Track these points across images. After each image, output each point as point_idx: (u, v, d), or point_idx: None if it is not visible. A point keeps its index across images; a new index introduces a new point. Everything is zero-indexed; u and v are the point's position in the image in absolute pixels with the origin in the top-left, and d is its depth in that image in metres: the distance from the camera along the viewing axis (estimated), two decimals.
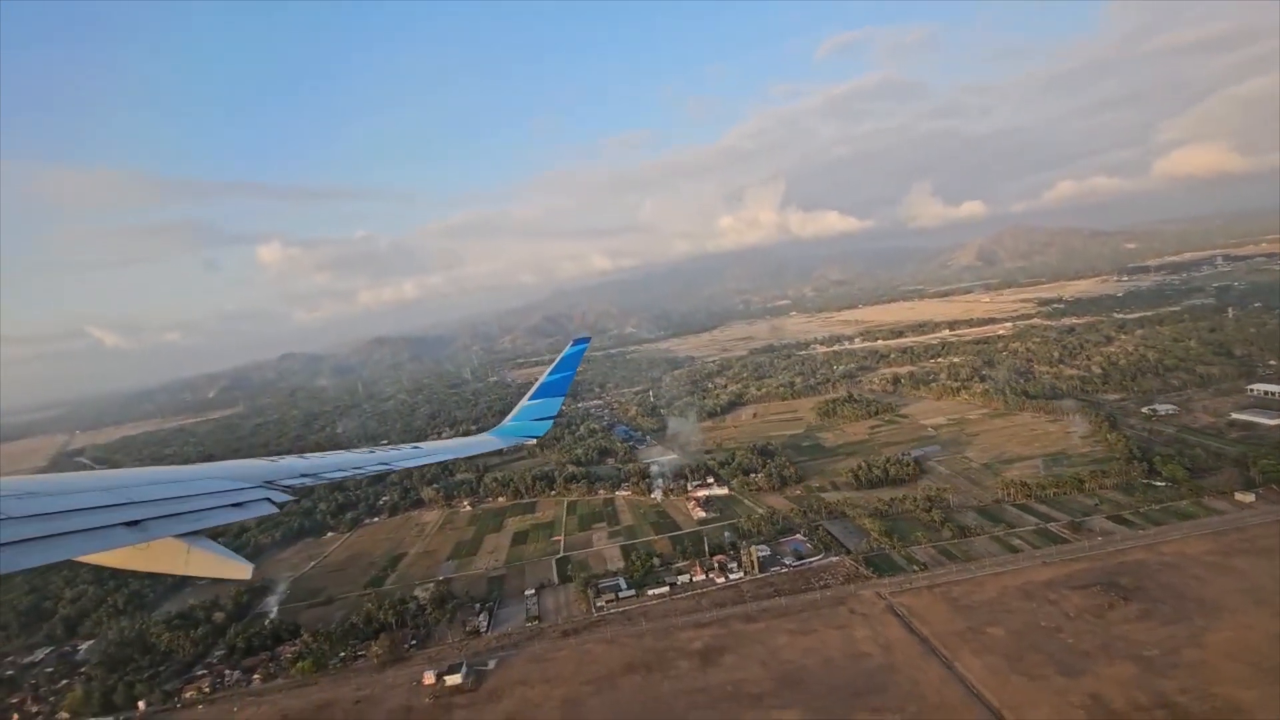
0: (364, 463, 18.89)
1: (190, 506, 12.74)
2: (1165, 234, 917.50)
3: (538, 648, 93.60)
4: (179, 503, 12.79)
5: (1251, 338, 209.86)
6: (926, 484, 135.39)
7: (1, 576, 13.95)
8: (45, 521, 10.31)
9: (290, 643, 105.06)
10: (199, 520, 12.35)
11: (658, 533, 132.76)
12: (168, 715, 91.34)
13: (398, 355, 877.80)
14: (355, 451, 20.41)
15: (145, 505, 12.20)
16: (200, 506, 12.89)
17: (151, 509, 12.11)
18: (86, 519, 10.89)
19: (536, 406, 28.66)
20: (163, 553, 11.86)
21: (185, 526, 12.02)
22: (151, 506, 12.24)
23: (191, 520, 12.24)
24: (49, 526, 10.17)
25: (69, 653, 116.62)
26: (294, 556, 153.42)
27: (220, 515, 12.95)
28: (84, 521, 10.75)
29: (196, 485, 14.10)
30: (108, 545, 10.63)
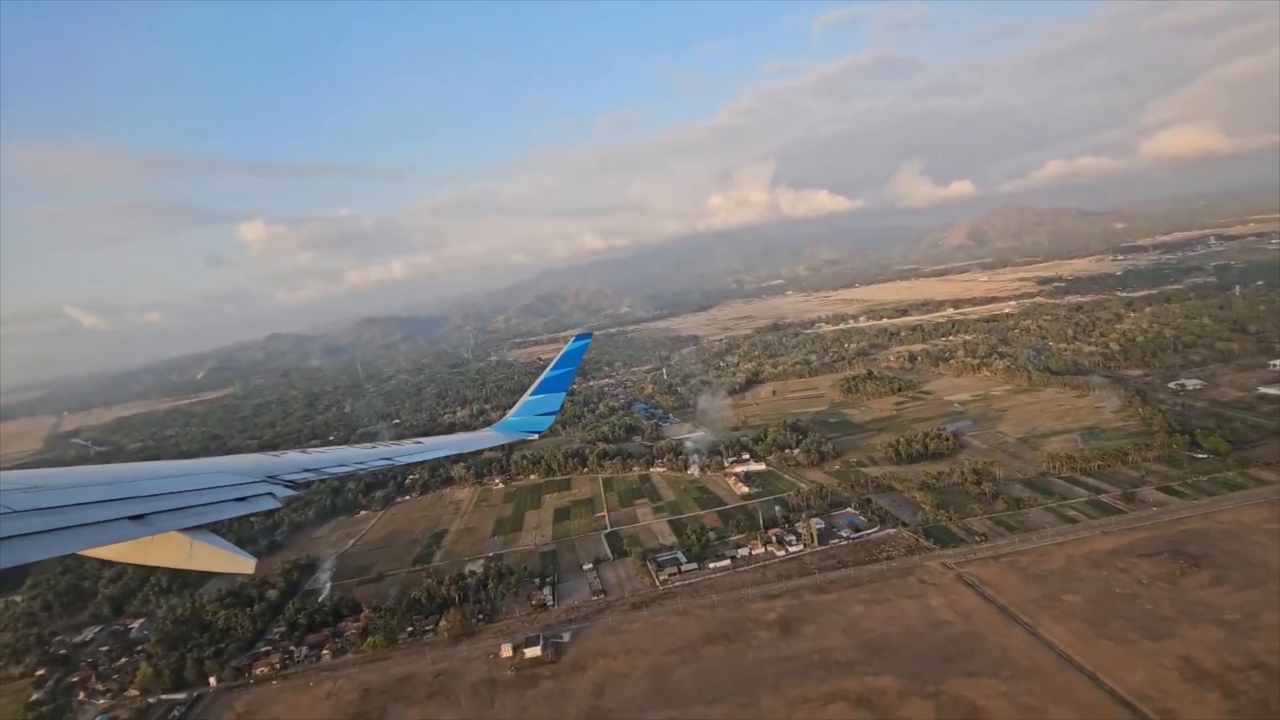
0: (366, 458, 18.97)
1: (193, 501, 12.72)
2: (1153, 214, 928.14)
3: (609, 620, 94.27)
4: (182, 497, 12.76)
5: (1262, 315, 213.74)
6: (966, 458, 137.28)
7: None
8: (49, 515, 10.32)
9: (351, 619, 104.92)
10: (202, 515, 12.33)
11: (702, 508, 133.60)
12: (241, 691, 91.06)
13: (389, 335, 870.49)
14: (358, 447, 20.56)
15: (149, 499, 12.18)
16: (203, 501, 12.87)
17: (155, 503, 12.08)
18: (90, 513, 10.88)
19: (539, 402, 28.67)
20: (166, 547, 11.78)
21: (188, 521, 11.98)
22: (155, 501, 12.22)
23: (195, 514, 12.23)
24: (53, 520, 10.18)
25: (120, 631, 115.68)
26: (332, 534, 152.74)
27: (223, 510, 12.96)
28: (88, 515, 10.74)
29: (200, 480, 14.12)
30: (112, 539, 10.59)
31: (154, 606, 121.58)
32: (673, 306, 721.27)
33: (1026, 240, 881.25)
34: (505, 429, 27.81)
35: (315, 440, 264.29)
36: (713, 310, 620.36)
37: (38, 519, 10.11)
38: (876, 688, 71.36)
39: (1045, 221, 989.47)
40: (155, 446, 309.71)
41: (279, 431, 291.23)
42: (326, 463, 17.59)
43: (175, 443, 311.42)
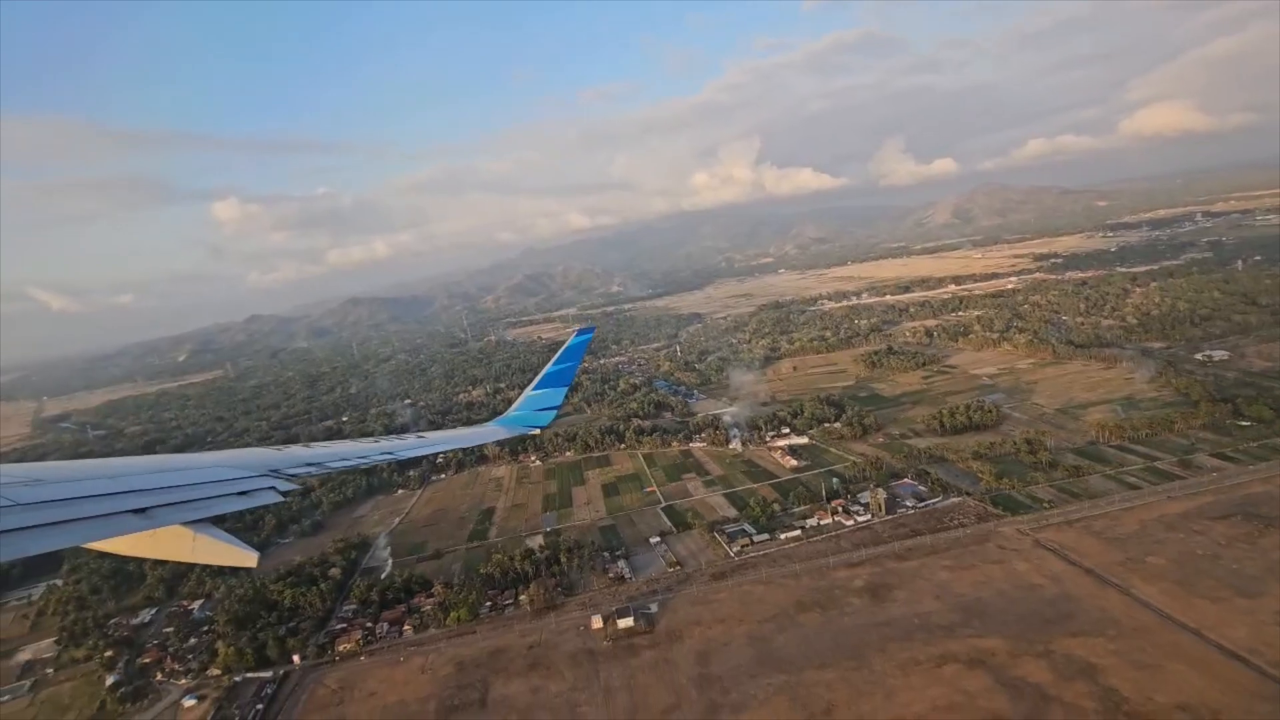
0: (368, 452, 19.19)
1: (196, 495, 12.78)
2: (1133, 192, 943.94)
3: (694, 591, 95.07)
4: (185, 490, 12.83)
5: (1269, 288, 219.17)
6: (1009, 429, 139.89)
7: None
8: (51, 508, 10.38)
9: (424, 594, 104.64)
10: (205, 508, 12.39)
11: (754, 481, 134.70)
12: (327, 668, 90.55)
13: (375, 316, 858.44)
14: (360, 441, 20.64)
15: (151, 493, 12.25)
16: (206, 495, 12.92)
17: (157, 496, 12.15)
18: (93, 506, 10.93)
19: (540, 397, 28.59)
20: (169, 540, 11.88)
21: (191, 514, 12.05)
22: (157, 494, 12.28)
23: (197, 508, 12.29)
24: (56, 513, 10.24)
25: (179, 613, 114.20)
26: (374, 513, 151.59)
27: (226, 503, 12.98)
28: (91, 509, 10.80)
29: (202, 474, 14.20)
30: (114, 532, 10.66)
31: (210, 588, 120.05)
32: (664, 285, 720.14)
33: (1011, 218, 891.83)
34: (508, 424, 27.76)
35: (327, 421, 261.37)
36: (707, 289, 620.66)
37: (39, 512, 10.14)
38: (985, 649, 73.02)
39: (1028, 199, 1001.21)
40: (156, 429, 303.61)
41: (286, 413, 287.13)
42: (328, 457, 17.63)
43: (176, 425, 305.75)
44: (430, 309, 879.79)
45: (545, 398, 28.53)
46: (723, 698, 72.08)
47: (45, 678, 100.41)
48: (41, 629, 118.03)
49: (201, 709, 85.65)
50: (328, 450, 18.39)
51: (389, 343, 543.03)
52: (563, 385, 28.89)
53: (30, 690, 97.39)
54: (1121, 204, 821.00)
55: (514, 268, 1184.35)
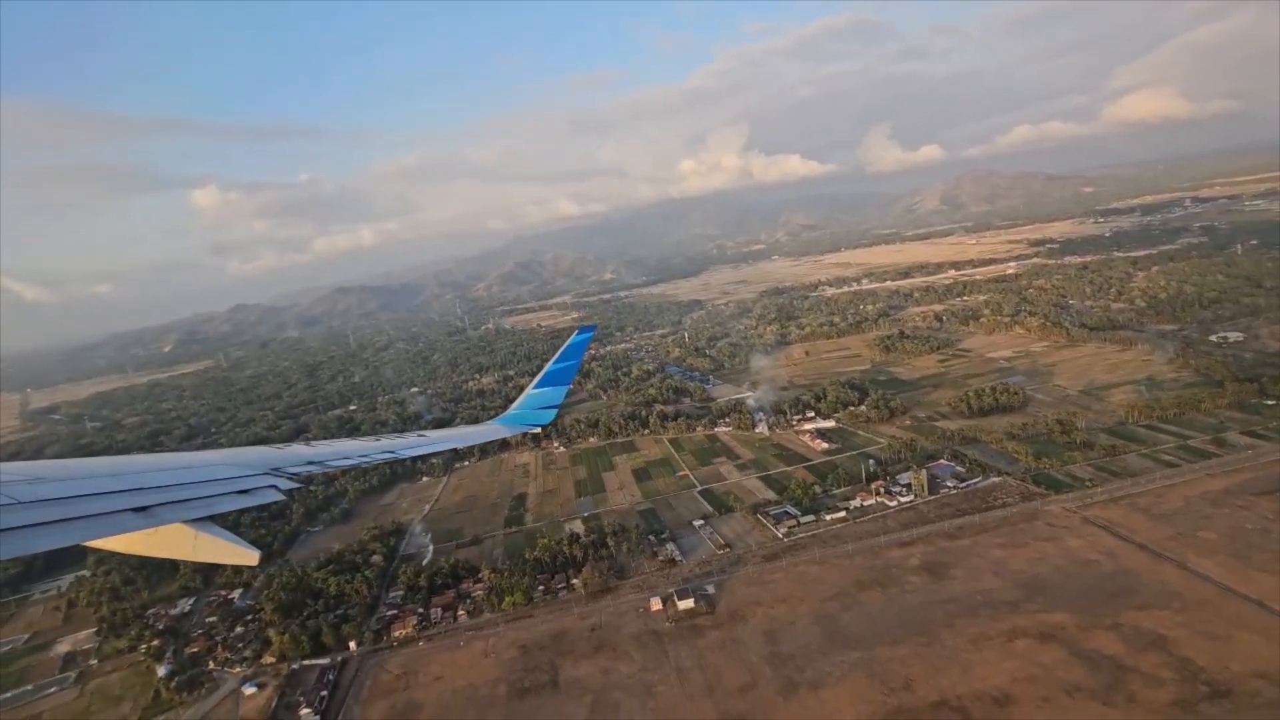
0: (369, 451, 19.34)
1: (197, 493, 12.87)
2: (1118, 178, 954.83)
3: (748, 572, 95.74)
4: (186, 489, 12.91)
5: (1271, 272, 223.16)
6: (1035, 410, 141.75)
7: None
8: (54, 506, 10.45)
9: (471, 580, 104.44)
10: (206, 507, 12.48)
11: (788, 464, 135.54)
12: (386, 653, 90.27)
13: (365, 305, 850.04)
14: (361, 440, 20.91)
15: (152, 491, 12.32)
16: (207, 493, 13.01)
17: (158, 495, 12.22)
18: (95, 504, 10.99)
19: (541, 395, 28.81)
20: (170, 538, 11.96)
21: (193, 513, 12.14)
22: (158, 493, 12.34)
23: (199, 507, 12.38)
24: (58, 511, 10.30)
25: (219, 602, 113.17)
26: (401, 501, 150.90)
27: (227, 502, 13.07)
28: (92, 507, 10.87)
29: (203, 472, 14.28)
30: (116, 530, 10.73)
31: (247, 577, 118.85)
32: (658, 272, 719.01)
33: (999, 204, 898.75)
34: (508, 422, 27.88)
35: (335, 410, 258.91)
36: (702, 276, 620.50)
37: (42, 510, 10.16)
38: (1053, 623, 74.35)
39: (1015, 185, 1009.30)
40: (155, 420, 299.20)
41: (290, 402, 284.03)
42: (330, 456, 17.74)
43: (176, 415, 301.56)
44: (420, 298, 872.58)
45: (546, 396, 28.79)
46: (798, 675, 72.86)
47: (90, 669, 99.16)
48: (75, 621, 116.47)
49: (263, 696, 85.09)
50: (329, 449, 18.58)
51: (383, 331, 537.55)
52: (564, 384, 29.12)
53: (76, 681, 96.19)
54: (1108, 190, 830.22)
55: (503, 255, 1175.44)
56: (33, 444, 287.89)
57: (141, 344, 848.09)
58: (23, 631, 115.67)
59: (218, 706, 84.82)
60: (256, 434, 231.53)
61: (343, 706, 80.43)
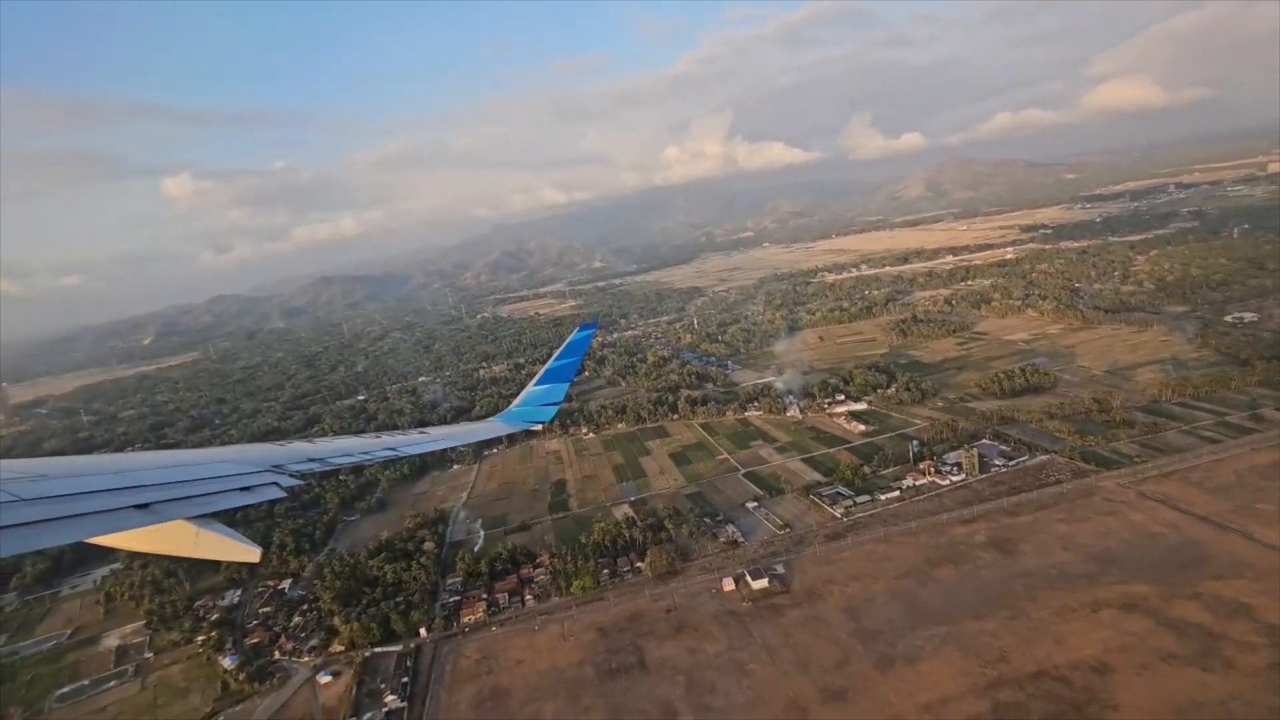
0: (371, 449, 19.39)
1: (199, 490, 12.93)
2: (1097, 165, 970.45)
3: (815, 551, 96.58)
4: (187, 486, 12.99)
5: (1270, 254, 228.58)
6: (1064, 390, 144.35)
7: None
8: (55, 503, 10.50)
9: (530, 565, 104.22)
10: (208, 504, 12.50)
11: (828, 446, 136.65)
12: (459, 639, 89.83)
13: (350, 295, 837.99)
14: (362, 437, 20.92)
15: (154, 488, 12.35)
16: (209, 490, 13.07)
17: (160, 492, 12.26)
18: (96, 501, 11.04)
19: (543, 392, 28.98)
20: (172, 535, 12.00)
21: (194, 510, 12.17)
22: (160, 490, 12.38)
23: (200, 504, 12.41)
24: (61, 508, 10.37)
25: (267, 593, 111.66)
26: (435, 489, 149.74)
27: (228, 499, 13.13)
28: (94, 504, 10.91)
29: (205, 469, 14.37)
30: (118, 527, 10.77)
31: (293, 567, 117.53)
32: (648, 260, 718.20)
33: (983, 191, 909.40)
34: (509, 419, 27.96)
35: (344, 400, 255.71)
36: (694, 263, 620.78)
37: (43, 507, 10.19)
38: (1134, 594, 76.10)
39: (997, 172, 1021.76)
40: (153, 414, 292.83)
41: (295, 393, 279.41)
42: (332, 453, 17.80)
43: (175, 408, 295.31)
44: (406, 287, 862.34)
45: (548, 393, 28.82)
46: (890, 650, 73.84)
47: (147, 662, 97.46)
48: (117, 615, 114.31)
49: (340, 684, 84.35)
50: (331, 446, 18.58)
51: (374, 321, 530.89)
52: (565, 381, 29.16)
53: (135, 675, 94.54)
54: (1089, 176, 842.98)
55: (486, 244, 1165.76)
56: (25, 440, 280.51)
57: (118, 337, 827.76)
58: (64, 627, 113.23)
59: (295, 696, 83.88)
60: (266, 425, 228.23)
61: (427, 692, 79.99)
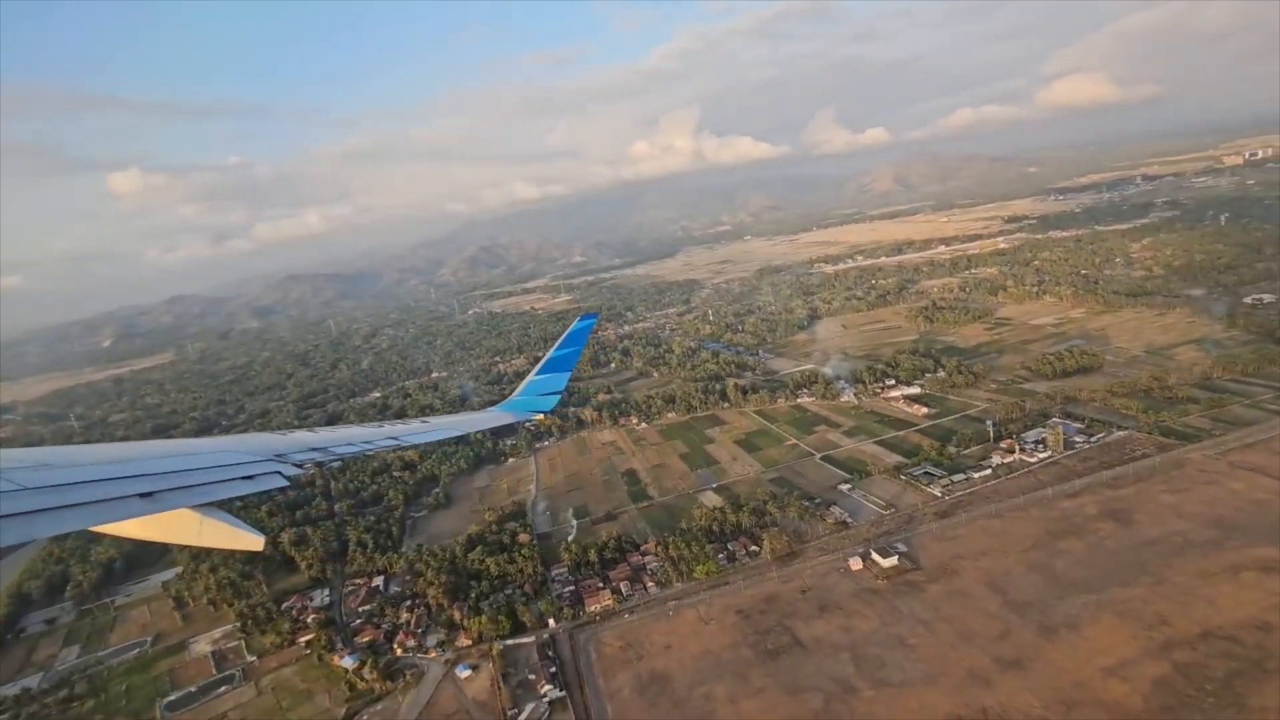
0: (373, 438, 19.60)
1: (202, 479, 13.09)
2: (1057, 159, 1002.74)
3: (931, 529, 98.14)
4: (190, 475, 13.14)
5: (1262, 240, 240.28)
6: (1114, 370, 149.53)
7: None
8: (59, 492, 10.64)
9: (636, 553, 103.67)
10: (210, 492, 12.70)
11: (895, 429, 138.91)
12: (591, 627, 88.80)
13: (321, 293, 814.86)
14: (364, 426, 21.25)
15: (157, 477, 12.53)
16: (211, 479, 13.23)
17: (163, 481, 12.43)
18: (99, 490, 11.19)
19: (544, 381, 28.99)
20: (175, 524, 12.29)
21: (197, 498, 12.38)
22: (163, 479, 12.55)
23: (203, 492, 12.60)
24: (63, 497, 10.50)
25: (358, 590, 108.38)
26: (496, 482, 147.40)
27: (231, 488, 13.28)
28: (97, 493, 11.05)
29: (208, 458, 14.51)
30: (122, 516, 10.95)
31: (380, 564, 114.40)
32: (626, 255, 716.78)
33: (950, 185, 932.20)
34: (511, 408, 28.17)
35: (357, 397, 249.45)
36: (679, 257, 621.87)
37: (47, 496, 10.34)
38: (1267, 557, 79.38)
39: (963, 167, 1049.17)
40: (148, 416, 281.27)
41: (302, 391, 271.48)
42: (334, 442, 17.93)
43: (172, 409, 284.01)
44: (380, 284, 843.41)
45: (549, 382, 28.84)
46: (1047, 619, 75.59)
47: (251, 666, 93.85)
48: (195, 619, 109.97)
49: (482, 677, 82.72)
50: (333, 436, 18.67)
51: (357, 319, 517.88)
52: (566, 370, 29.21)
53: (245, 679, 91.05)
54: (1050, 170, 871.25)
55: (457, 241, 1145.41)
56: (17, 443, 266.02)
57: (71, 339, 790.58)
58: (140, 634, 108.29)
59: (438, 690, 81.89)
60: (284, 424, 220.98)
61: (581, 680, 78.96)
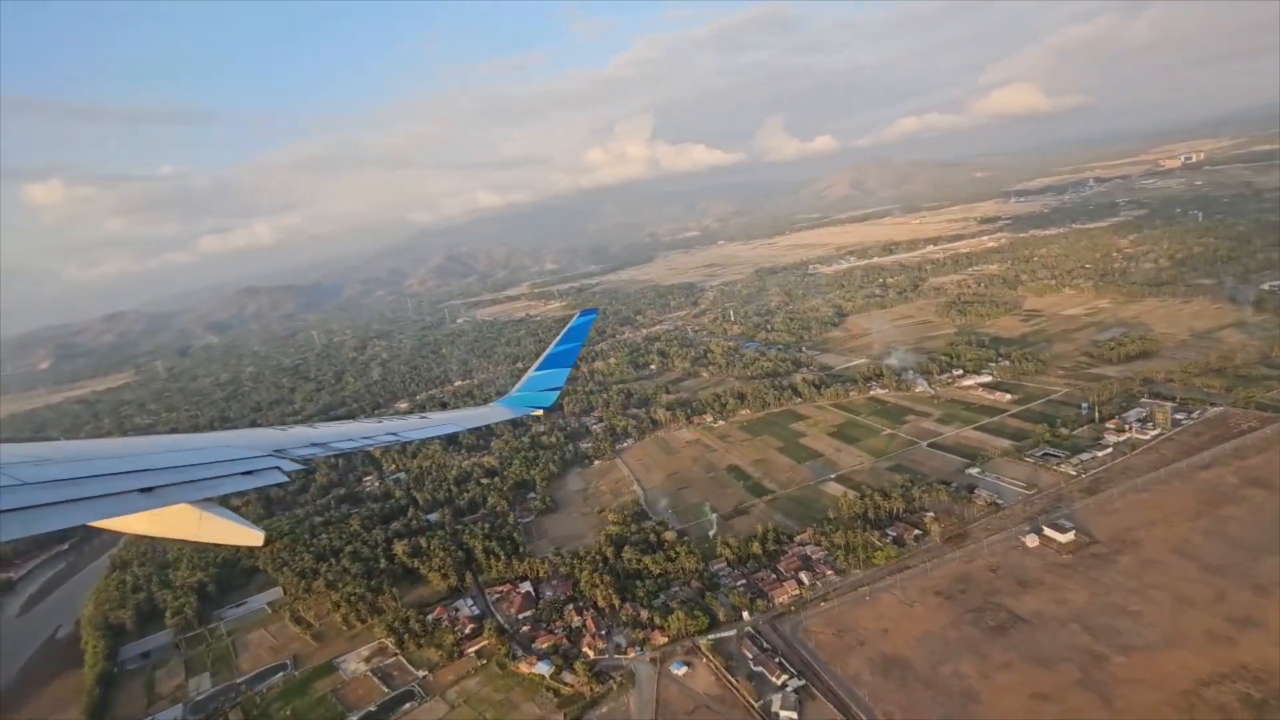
0: (373, 433, 19.78)
1: (202, 474, 13.11)
2: (1000, 165, 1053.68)
3: (1084, 505, 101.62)
4: (191, 470, 13.16)
5: (1246, 234, 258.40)
6: (1171, 353, 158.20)
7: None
8: (59, 487, 10.59)
9: (792, 545, 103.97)
10: (211, 488, 12.70)
11: (988, 415, 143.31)
12: (791, 617, 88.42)
13: (280, 306, 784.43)
14: (364, 421, 21.29)
15: (157, 472, 12.54)
16: (212, 474, 13.25)
17: (163, 476, 12.46)
18: (99, 485, 11.18)
19: (544, 377, 29.27)
20: (176, 519, 12.23)
21: (197, 494, 12.38)
22: (163, 474, 12.57)
23: (203, 488, 12.61)
24: (63, 492, 10.46)
25: (501, 598, 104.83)
26: (592, 484, 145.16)
27: (231, 483, 13.31)
28: (97, 487, 11.05)
29: (208, 454, 14.58)
30: (122, 511, 10.95)
31: (518, 571, 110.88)
32: (596, 261, 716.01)
33: (904, 189, 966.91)
34: (511, 404, 28.34)
35: (382, 409, 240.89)
36: (659, 261, 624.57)
37: (47, 491, 10.33)
38: None
39: (915, 172, 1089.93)
40: (138, 433, 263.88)
41: (320, 405, 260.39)
42: (333, 437, 18.06)
43: (173, 429, 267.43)
44: (342, 296, 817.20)
45: (549, 378, 29.09)
46: (1254, 580, 79.30)
47: (426, 681, 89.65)
48: (330, 638, 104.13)
49: (701, 671, 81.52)
50: (332, 431, 18.86)
51: (336, 331, 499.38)
52: (567, 366, 29.48)
53: (430, 695, 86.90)
54: (997, 175, 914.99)
55: (413, 250, 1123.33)
56: None
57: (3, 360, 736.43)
58: (274, 657, 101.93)
59: (659, 689, 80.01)
60: None
61: (811, 668, 78.57)
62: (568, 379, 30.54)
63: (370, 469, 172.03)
